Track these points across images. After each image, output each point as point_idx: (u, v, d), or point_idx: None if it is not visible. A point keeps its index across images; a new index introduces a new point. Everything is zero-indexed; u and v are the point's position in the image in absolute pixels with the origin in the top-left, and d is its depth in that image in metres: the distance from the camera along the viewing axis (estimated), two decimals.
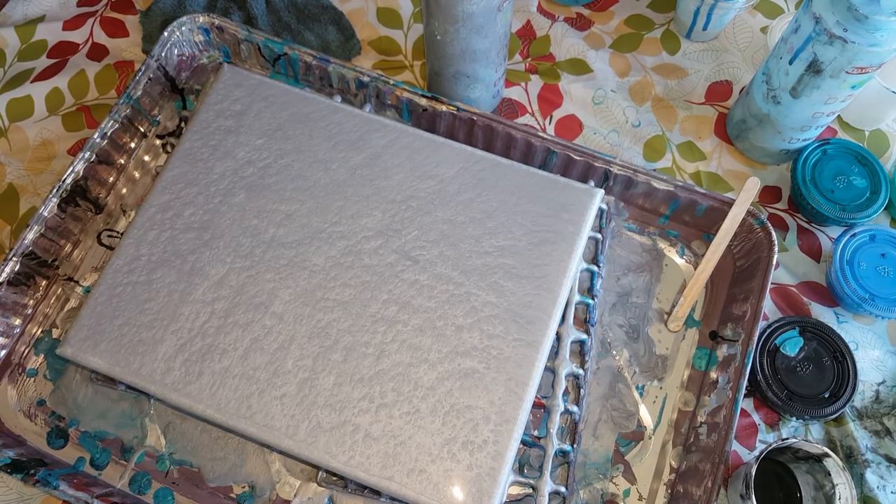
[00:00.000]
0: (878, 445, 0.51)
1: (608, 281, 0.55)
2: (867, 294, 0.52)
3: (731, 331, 0.52)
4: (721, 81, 0.64)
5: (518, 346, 0.46)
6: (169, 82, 0.60)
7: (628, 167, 0.54)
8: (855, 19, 0.45)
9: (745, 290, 0.52)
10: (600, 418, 0.51)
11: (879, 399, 0.53)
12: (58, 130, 0.61)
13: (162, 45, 0.58)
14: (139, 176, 0.58)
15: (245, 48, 0.60)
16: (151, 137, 0.60)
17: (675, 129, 0.62)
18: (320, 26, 0.65)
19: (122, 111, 0.56)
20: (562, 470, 0.49)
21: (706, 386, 0.51)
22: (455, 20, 0.50)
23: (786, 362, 0.52)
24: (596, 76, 0.64)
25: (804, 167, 0.56)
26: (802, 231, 0.58)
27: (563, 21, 0.67)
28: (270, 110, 0.53)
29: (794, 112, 0.53)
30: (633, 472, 0.50)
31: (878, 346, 0.54)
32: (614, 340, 0.53)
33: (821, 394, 0.51)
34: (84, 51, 0.64)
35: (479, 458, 0.44)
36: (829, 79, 0.49)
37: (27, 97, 0.62)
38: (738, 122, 0.59)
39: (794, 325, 0.52)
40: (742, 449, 0.51)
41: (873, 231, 0.54)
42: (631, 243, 0.56)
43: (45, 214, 0.52)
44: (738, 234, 0.54)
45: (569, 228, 0.50)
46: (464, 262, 0.48)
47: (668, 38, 0.66)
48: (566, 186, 0.51)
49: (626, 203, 0.57)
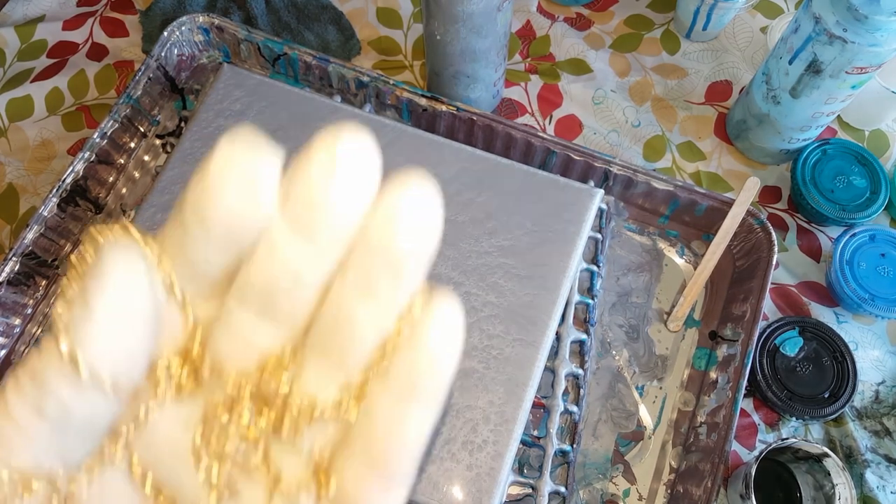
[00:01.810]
0: (877, 445, 0.51)
1: (608, 281, 0.55)
2: (867, 294, 0.52)
3: (730, 331, 0.52)
4: (721, 81, 0.64)
5: (518, 346, 0.46)
6: (169, 82, 0.60)
7: (628, 167, 0.54)
8: (855, 19, 0.45)
9: (745, 290, 0.52)
10: (600, 418, 0.51)
11: (879, 399, 0.53)
12: (57, 130, 0.61)
13: (162, 44, 0.58)
14: (139, 176, 0.58)
15: (245, 48, 0.60)
16: (151, 137, 0.60)
17: (675, 129, 0.62)
18: (320, 26, 0.65)
19: (121, 111, 0.56)
20: (561, 470, 0.49)
21: (706, 386, 0.51)
22: (455, 20, 0.50)
23: (785, 362, 0.52)
24: (596, 76, 0.64)
25: (804, 167, 0.56)
26: (802, 231, 0.58)
27: (562, 21, 0.67)
28: (270, 110, 0.53)
29: (794, 112, 0.53)
30: (633, 472, 0.50)
31: (878, 346, 0.54)
32: (614, 340, 0.53)
33: (820, 394, 0.51)
34: (84, 51, 0.64)
35: (479, 458, 0.44)
36: (829, 79, 0.49)
37: (27, 97, 0.62)
38: (738, 122, 0.59)
39: (794, 325, 0.52)
40: (742, 449, 0.51)
41: (873, 231, 0.54)
42: (631, 243, 0.56)
43: (45, 214, 0.52)
44: (738, 234, 0.54)
45: (569, 228, 0.49)
46: (463, 262, 0.48)
47: (668, 38, 0.66)
48: (566, 186, 0.51)
49: (626, 203, 0.57)
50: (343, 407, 0.17)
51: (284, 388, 0.17)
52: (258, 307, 0.17)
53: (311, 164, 0.16)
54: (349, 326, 0.17)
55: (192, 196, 0.16)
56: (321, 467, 0.17)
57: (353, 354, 0.17)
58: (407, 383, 0.16)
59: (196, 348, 0.18)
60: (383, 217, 0.16)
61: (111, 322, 0.15)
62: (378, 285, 0.16)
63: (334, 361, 0.17)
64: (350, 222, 0.16)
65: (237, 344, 0.17)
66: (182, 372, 0.17)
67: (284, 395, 0.17)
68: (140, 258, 0.16)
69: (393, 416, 0.16)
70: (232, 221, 0.16)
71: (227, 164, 0.16)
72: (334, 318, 0.17)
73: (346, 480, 0.17)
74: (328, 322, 0.17)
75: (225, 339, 0.18)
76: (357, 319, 0.17)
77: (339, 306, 0.17)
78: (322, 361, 0.17)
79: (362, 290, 0.16)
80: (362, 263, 0.16)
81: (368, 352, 0.17)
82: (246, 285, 0.17)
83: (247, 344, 0.17)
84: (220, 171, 0.16)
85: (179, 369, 0.17)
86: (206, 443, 0.17)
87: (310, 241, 0.16)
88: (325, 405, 0.17)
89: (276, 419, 0.17)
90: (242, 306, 0.17)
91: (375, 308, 0.17)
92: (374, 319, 0.17)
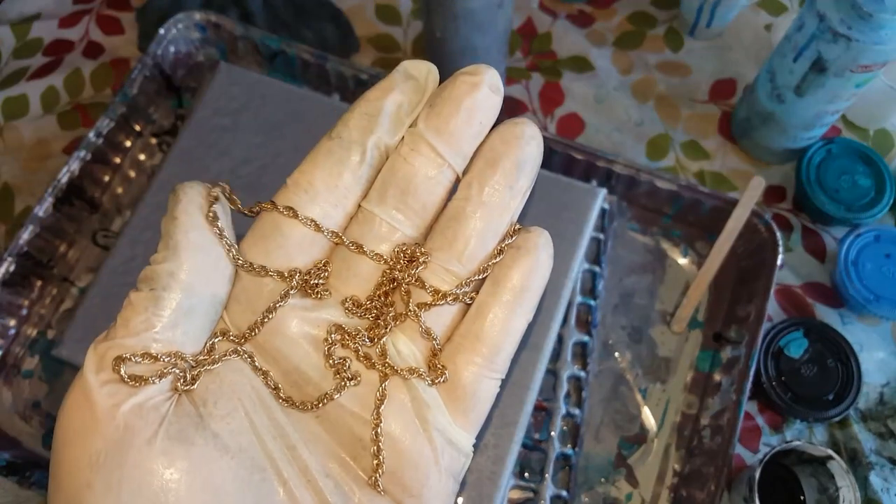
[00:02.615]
0: (882, 448, 0.51)
1: (610, 282, 0.54)
2: (872, 295, 0.52)
3: (734, 332, 0.51)
4: (725, 79, 0.63)
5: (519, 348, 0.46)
6: (165, 80, 0.59)
7: (631, 166, 0.53)
8: (859, 17, 0.44)
9: (749, 292, 0.51)
10: (602, 421, 0.50)
11: (884, 401, 0.52)
12: (53, 129, 0.60)
13: (158, 42, 0.57)
14: (135, 175, 0.58)
15: (242, 45, 0.60)
16: (147, 136, 0.59)
17: (679, 128, 0.61)
18: (318, 23, 0.64)
19: (117, 109, 0.55)
20: (563, 474, 0.48)
21: (710, 388, 0.51)
22: (455, 17, 0.49)
23: (790, 364, 0.51)
24: (598, 74, 0.63)
25: (809, 166, 0.56)
26: (807, 231, 0.58)
27: (564, 18, 0.66)
28: (268, 108, 0.52)
29: (798, 110, 0.53)
30: (636, 476, 0.49)
31: (883, 348, 0.54)
32: (616, 342, 0.52)
33: (825, 396, 0.50)
34: (80, 49, 0.64)
35: (480, 461, 0.43)
36: (834, 77, 0.48)
37: (22, 95, 0.61)
38: (743, 120, 0.59)
39: (799, 327, 0.52)
40: (745, 452, 0.51)
41: (878, 231, 0.54)
42: (633, 244, 0.56)
43: (41, 214, 0.52)
44: (742, 235, 0.53)
45: (570, 228, 0.49)
46: None
47: (672, 36, 0.65)
48: (568, 186, 0.50)
49: (629, 203, 0.56)
50: (460, 298, 0.20)
51: (409, 277, 0.20)
52: (395, 201, 0.20)
53: (455, 84, 0.20)
54: (471, 223, 0.20)
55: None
56: (436, 356, 0.20)
57: (471, 248, 0.20)
58: (516, 289, 0.20)
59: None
60: (504, 137, 0.20)
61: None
62: (497, 192, 0.20)
63: (455, 254, 0.20)
64: (480, 133, 0.20)
65: (373, 235, 0.20)
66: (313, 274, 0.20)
67: (410, 282, 0.20)
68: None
69: (503, 315, 0.20)
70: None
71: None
72: (460, 215, 0.20)
73: (458, 367, 0.20)
74: (455, 218, 0.20)
75: (362, 231, 0.20)
76: (478, 217, 0.20)
77: (464, 206, 0.20)
78: (443, 255, 0.20)
79: (485, 194, 0.20)
80: (483, 172, 0.20)
81: (485, 250, 0.20)
82: (386, 183, 0.20)
83: (382, 235, 0.20)
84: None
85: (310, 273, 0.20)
86: (337, 332, 0.20)
87: (447, 144, 0.20)
88: (446, 293, 0.20)
89: (399, 304, 0.20)
90: (381, 204, 0.20)
91: (491, 210, 0.20)
92: (491, 220, 0.20)
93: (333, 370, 0.20)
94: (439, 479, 0.19)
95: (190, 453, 0.18)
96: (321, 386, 0.20)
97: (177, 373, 0.19)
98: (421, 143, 0.20)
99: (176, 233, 0.19)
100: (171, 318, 0.19)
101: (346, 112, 0.21)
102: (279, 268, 0.20)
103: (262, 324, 0.20)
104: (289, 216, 0.20)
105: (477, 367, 0.20)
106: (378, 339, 0.20)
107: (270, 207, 0.20)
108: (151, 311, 0.19)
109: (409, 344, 0.20)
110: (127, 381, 0.18)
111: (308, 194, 0.20)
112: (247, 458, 0.18)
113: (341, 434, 0.19)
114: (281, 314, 0.20)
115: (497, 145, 0.20)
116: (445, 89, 0.20)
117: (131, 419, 0.18)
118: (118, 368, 0.18)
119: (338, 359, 0.20)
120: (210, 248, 0.19)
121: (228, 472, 0.18)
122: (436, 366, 0.20)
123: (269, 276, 0.20)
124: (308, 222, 0.20)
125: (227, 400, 0.19)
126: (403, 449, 0.19)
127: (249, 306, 0.20)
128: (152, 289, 0.19)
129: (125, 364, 0.18)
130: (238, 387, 0.19)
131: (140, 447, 0.18)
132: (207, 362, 0.19)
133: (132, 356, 0.18)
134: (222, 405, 0.19)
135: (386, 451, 0.19)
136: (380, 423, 0.19)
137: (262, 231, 0.20)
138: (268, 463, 0.19)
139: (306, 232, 0.20)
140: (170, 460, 0.18)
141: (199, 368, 0.19)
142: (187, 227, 0.19)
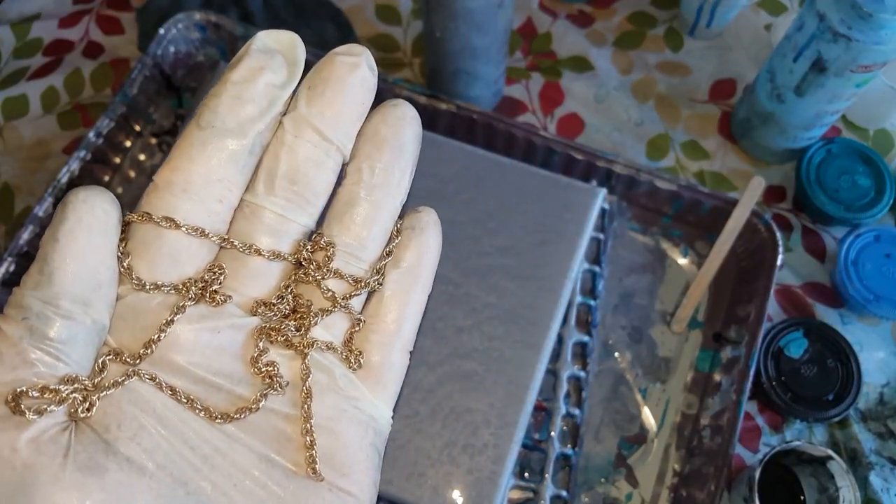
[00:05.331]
0: (882, 448, 0.51)
1: (610, 282, 0.54)
2: (872, 295, 0.52)
3: (734, 332, 0.51)
4: (725, 79, 0.63)
5: (519, 348, 0.46)
6: (165, 80, 0.59)
7: (631, 166, 0.53)
8: (859, 17, 0.44)
9: (749, 292, 0.51)
10: (602, 421, 0.50)
11: (884, 401, 0.52)
12: (53, 129, 0.60)
13: (158, 42, 0.57)
14: (135, 175, 0.58)
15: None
16: (147, 136, 0.59)
17: (679, 128, 0.61)
18: (318, 23, 0.64)
19: (117, 109, 0.55)
20: (563, 474, 0.48)
21: (710, 388, 0.51)
22: (455, 17, 0.49)
23: (790, 364, 0.51)
24: (598, 74, 0.63)
25: (808, 166, 0.56)
26: (807, 231, 0.58)
27: (564, 18, 0.66)
28: None
29: (798, 110, 0.53)
30: (636, 476, 0.49)
31: (883, 348, 0.54)
32: (616, 342, 0.52)
33: (825, 396, 0.50)
34: (80, 49, 0.64)
35: (480, 461, 0.43)
36: (834, 77, 0.48)
37: (22, 95, 0.61)
38: (743, 120, 0.59)
39: (799, 327, 0.52)
40: (745, 451, 0.51)
41: (878, 231, 0.53)
42: (633, 244, 0.55)
43: (41, 214, 0.52)
44: (742, 235, 0.53)
45: (570, 228, 0.49)
46: (463, 262, 0.48)
47: (672, 36, 0.65)
48: (568, 186, 0.50)
49: (629, 203, 0.56)
50: (373, 285, 0.21)
51: (324, 269, 0.20)
52: (285, 191, 0.20)
53: (335, 65, 0.20)
54: (368, 207, 0.20)
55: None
56: (349, 344, 0.20)
57: (374, 233, 0.20)
58: (414, 268, 0.21)
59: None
60: (386, 119, 0.20)
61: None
62: (388, 174, 0.20)
63: (358, 239, 0.20)
64: (362, 115, 0.20)
65: (265, 229, 0.20)
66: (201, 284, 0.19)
67: (324, 274, 0.20)
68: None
69: (405, 294, 0.21)
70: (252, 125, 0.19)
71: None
72: (355, 199, 0.20)
73: (372, 347, 0.20)
74: (351, 203, 0.20)
75: (252, 226, 0.20)
76: (373, 200, 0.20)
77: (357, 190, 0.20)
78: (346, 242, 0.20)
79: (376, 177, 0.20)
80: (371, 155, 0.20)
81: (386, 233, 0.21)
82: (272, 173, 0.20)
83: (275, 228, 0.20)
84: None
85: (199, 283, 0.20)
86: (262, 334, 0.20)
87: (333, 128, 0.20)
88: (365, 280, 0.20)
89: (315, 298, 0.20)
90: (270, 195, 0.20)
91: (385, 193, 0.20)
92: (386, 203, 0.20)
93: (262, 376, 0.19)
94: (367, 454, 0.20)
95: (104, 482, 0.17)
96: (235, 391, 0.19)
97: (76, 398, 0.17)
98: (306, 127, 0.19)
99: (55, 258, 0.17)
100: (49, 349, 0.17)
101: (209, 97, 0.19)
102: (168, 280, 0.19)
103: (158, 340, 0.19)
104: (169, 228, 0.18)
105: (388, 345, 0.21)
106: (306, 330, 0.20)
107: (146, 220, 0.19)
108: (27, 341, 0.17)
109: (325, 333, 0.20)
110: (14, 413, 0.17)
111: (187, 193, 0.19)
112: (166, 475, 0.18)
113: (264, 432, 0.19)
114: (178, 326, 0.19)
115: (381, 128, 0.20)
116: (324, 70, 0.20)
117: (30, 456, 0.16)
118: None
119: (265, 365, 0.19)
120: (94, 275, 0.18)
121: (149, 493, 0.17)
122: (352, 349, 0.20)
123: (161, 292, 0.19)
124: (193, 231, 0.19)
125: (131, 420, 0.18)
126: (332, 431, 0.19)
127: (137, 323, 0.19)
128: (24, 318, 0.17)
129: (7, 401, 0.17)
130: (142, 405, 0.18)
131: (45, 485, 0.16)
132: (105, 387, 0.18)
133: (14, 392, 0.17)
134: (126, 426, 0.18)
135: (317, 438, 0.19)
136: (311, 419, 0.19)
137: (144, 242, 0.19)
138: (191, 475, 0.18)
139: (192, 239, 0.19)
140: (83, 493, 0.16)
141: (97, 393, 0.18)
142: (71, 253, 0.17)
